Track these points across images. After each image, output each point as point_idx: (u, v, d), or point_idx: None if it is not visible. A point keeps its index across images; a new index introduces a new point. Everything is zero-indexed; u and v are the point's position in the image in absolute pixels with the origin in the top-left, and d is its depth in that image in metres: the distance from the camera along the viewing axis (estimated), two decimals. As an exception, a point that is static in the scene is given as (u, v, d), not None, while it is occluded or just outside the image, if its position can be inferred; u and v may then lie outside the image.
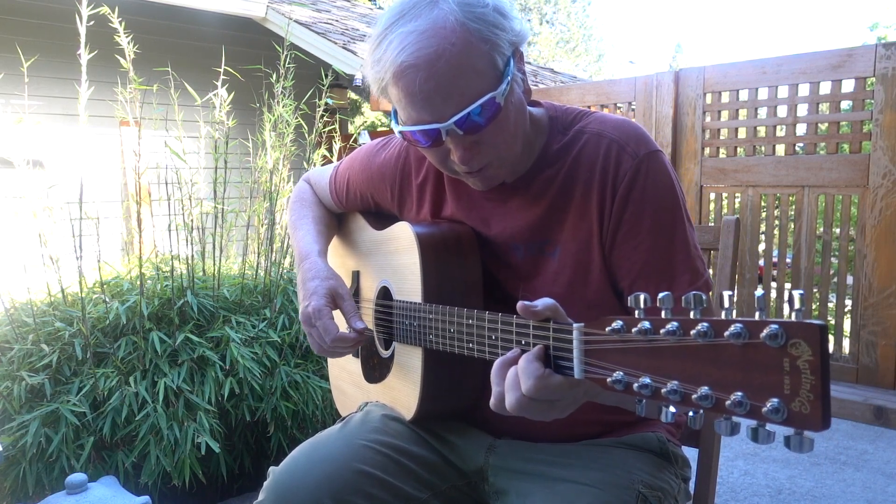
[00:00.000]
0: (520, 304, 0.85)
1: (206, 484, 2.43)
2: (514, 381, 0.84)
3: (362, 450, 1.17)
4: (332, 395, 1.64)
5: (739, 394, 0.58)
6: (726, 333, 0.59)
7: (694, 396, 0.61)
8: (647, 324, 0.67)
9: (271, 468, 1.19)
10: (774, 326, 0.55)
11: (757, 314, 0.59)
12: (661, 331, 0.65)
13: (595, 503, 1.04)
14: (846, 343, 4.03)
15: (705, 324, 0.61)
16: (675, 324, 0.64)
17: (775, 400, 0.55)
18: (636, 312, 0.69)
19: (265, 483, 1.16)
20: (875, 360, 3.75)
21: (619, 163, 1.08)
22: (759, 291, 0.59)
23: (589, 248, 1.10)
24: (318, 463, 1.15)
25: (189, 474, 2.28)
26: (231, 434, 2.55)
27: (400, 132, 1.06)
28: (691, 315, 0.64)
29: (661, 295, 0.67)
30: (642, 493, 1.08)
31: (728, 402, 0.58)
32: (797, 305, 0.57)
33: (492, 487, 1.18)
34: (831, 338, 4.20)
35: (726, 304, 0.62)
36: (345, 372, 1.53)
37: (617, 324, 0.70)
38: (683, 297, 0.65)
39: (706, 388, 0.60)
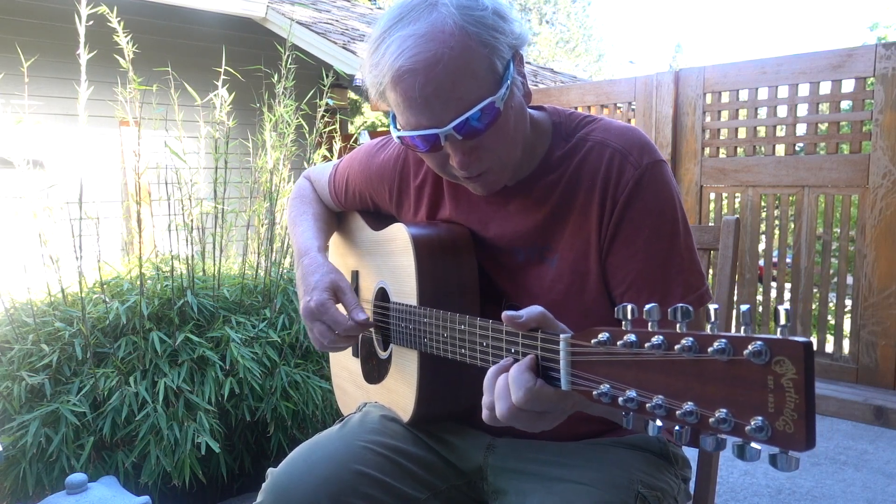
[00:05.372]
0: (504, 314, 0.85)
1: (206, 484, 2.44)
2: (504, 390, 0.84)
3: (361, 451, 1.17)
4: (335, 393, 1.64)
5: (724, 411, 0.57)
6: (710, 349, 0.58)
7: (678, 412, 0.60)
8: (632, 336, 0.66)
9: (270, 469, 1.19)
10: (759, 343, 0.55)
11: (742, 329, 0.58)
12: (647, 344, 0.65)
13: (594, 503, 1.04)
14: (846, 343, 4.02)
15: (690, 338, 0.61)
16: (661, 337, 0.63)
17: (759, 418, 0.55)
18: (623, 324, 0.69)
19: (263, 485, 1.17)
20: (875, 360, 3.75)
21: (622, 172, 1.07)
22: (744, 307, 0.58)
23: (586, 257, 1.10)
24: (316, 464, 1.15)
25: (189, 474, 2.28)
26: (231, 434, 2.56)
27: (398, 137, 1.05)
28: (677, 328, 0.63)
29: (647, 307, 0.66)
30: (641, 493, 1.08)
31: (712, 420, 0.58)
32: (783, 321, 0.56)
33: (490, 487, 1.18)
34: (831, 338, 4.20)
35: (713, 318, 0.61)
36: (346, 371, 1.53)
37: (603, 336, 0.70)
38: (670, 310, 0.64)
39: (691, 403, 0.60)
